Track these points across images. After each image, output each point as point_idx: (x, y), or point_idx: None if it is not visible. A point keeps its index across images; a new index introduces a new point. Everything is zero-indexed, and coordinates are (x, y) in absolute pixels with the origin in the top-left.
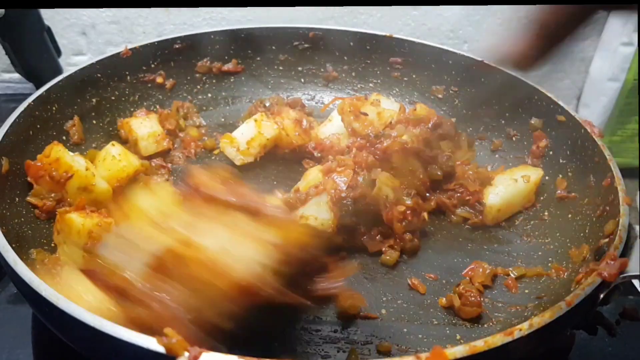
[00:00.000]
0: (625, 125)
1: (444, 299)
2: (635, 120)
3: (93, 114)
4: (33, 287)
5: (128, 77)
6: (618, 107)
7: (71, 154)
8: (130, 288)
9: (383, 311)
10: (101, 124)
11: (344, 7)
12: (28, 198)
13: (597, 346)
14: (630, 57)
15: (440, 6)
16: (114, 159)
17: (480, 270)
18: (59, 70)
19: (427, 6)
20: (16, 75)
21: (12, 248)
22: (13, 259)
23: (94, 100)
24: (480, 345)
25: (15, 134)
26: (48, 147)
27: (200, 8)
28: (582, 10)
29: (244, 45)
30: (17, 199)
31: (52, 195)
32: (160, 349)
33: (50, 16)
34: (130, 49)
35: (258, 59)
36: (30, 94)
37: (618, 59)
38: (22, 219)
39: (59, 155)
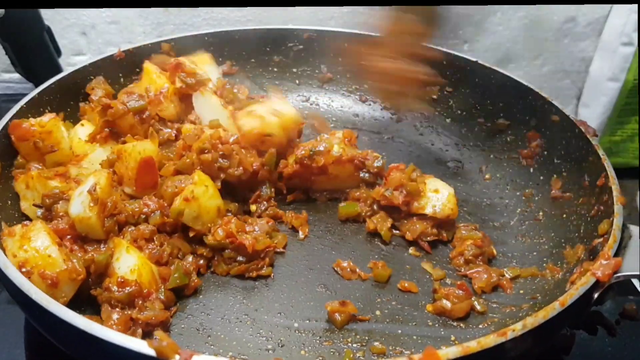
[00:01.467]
0: (625, 125)
1: (432, 307)
2: (635, 120)
3: (86, 116)
4: (24, 290)
5: (121, 79)
6: (618, 107)
7: (63, 129)
8: None
9: (377, 312)
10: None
11: (344, 7)
12: (22, 209)
13: (597, 346)
14: (630, 57)
15: None
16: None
17: (485, 276)
18: (59, 70)
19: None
20: (16, 75)
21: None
22: (4, 262)
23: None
24: (473, 345)
25: (8, 137)
26: (46, 118)
27: (200, 8)
28: None
29: (238, 46)
30: (9, 202)
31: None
32: (151, 352)
33: (50, 16)
34: (124, 51)
35: (252, 60)
36: None
37: (618, 59)
38: (14, 222)
39: (53, 128)
